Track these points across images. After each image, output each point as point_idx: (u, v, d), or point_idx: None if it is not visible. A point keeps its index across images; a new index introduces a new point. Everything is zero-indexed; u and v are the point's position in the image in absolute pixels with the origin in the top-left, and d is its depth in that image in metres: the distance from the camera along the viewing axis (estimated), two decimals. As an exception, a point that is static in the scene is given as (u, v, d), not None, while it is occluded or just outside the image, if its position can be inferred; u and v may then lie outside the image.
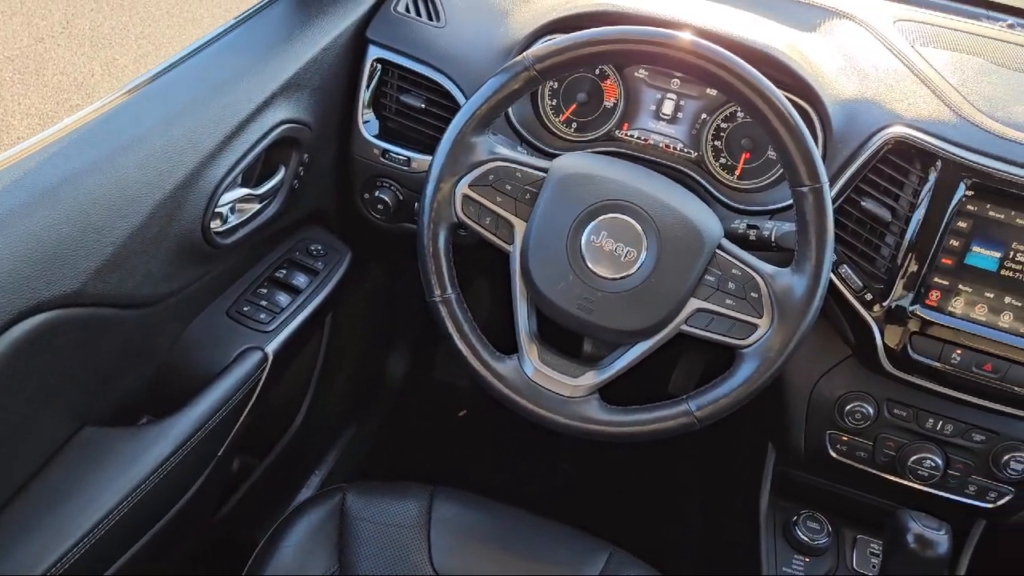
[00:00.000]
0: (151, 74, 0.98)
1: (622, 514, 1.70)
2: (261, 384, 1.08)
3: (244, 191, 1.04)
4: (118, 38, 3.42)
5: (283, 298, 1.14)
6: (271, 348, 1.08)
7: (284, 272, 1.19)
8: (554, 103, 1.21)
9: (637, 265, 0.91)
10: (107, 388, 0.95)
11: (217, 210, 0.98)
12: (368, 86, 1.19)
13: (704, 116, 1.16)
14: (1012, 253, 0.98)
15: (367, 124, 1.21)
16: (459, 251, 1.01)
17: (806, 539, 1.21)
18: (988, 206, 0.98)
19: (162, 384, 1.05)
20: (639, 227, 0.92)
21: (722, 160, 1.16)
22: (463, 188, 0.95)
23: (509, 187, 0.95)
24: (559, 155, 0.98)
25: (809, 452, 1.16)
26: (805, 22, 1.21)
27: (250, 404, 1.07)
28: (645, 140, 1.19)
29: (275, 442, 1.41)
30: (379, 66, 1.19)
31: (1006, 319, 1.00)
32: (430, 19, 1.19)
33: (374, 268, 1.55)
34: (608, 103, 1.19)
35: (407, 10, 1.20)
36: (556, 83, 1.20)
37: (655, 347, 0.94)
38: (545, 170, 0.95)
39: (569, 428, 0.95)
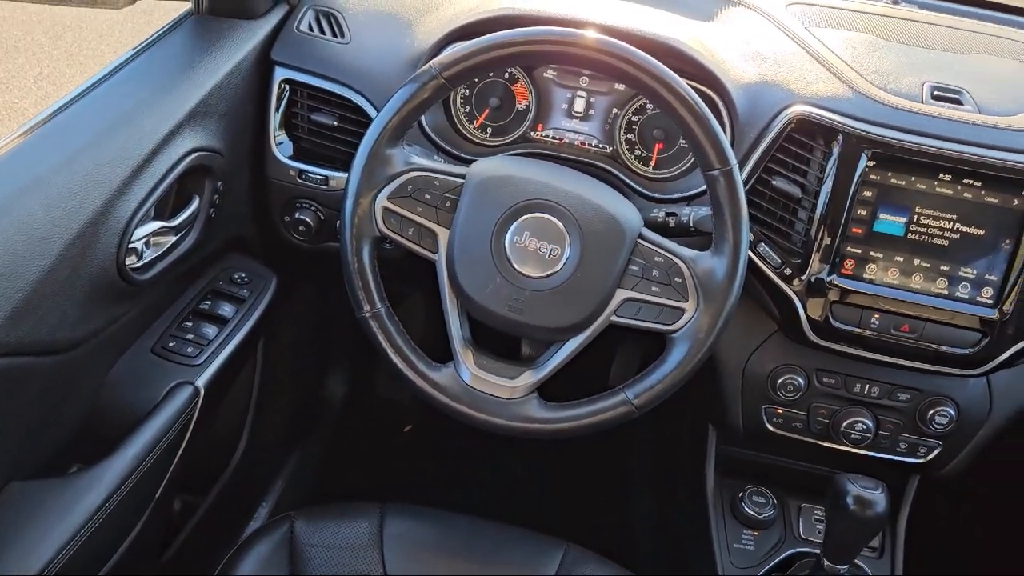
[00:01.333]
0: (49, 111, 0.95)
1: (576, 511, 1.72)
2: (195, 419, 1.05)
3: (158, 224, 1.02)
4: (16, 81, 3.31)
5: (210, 330, 1.12)
6: (202, 382, 1.06)
7: (209, 303, 1.16)
8: (467, 110, 1.21)
9: (562, 262, 0.93)
10: (32, 439, 0.92)
11: (131, 246, 0.96)
12: (278, 108, 1.18)
13: (615, 111, 1.18)
14: (916, 217, 1.03)
15: (280, 146, 1.19)
16: (388, 265, 1.01)
17: (753, 513, 1.24)
18: (889, 174, 1.02)
19: (91, 430, 1.01)
20: (561, 224, 0.93)
21: (637, 152, 1.19)
22: (382, 201, 0.95)
23: (428, 196, 0.95)
24: (476, 161, 0.99)
25: (747, 428, 1.19)
26: (703, 13, 1.25)
27: (185, 441, 1.04)
28: (560, 139, 1.20)
29: (217, 477, 1.38)
30: (287, 87, 1.17)
31: (917, 280, 1.04)
32: (335, 36, 1.19)
33: (303, 290, 1.53)
34: (520, 106, 1.20)
35: (310, 29, 1.19)
36: (467, 90, 1.21)
37: (588, 340, 0.95)
38: (463, 176, 0.96)
39: (511, 430, 0.95)
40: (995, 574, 1.39)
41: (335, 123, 1.17)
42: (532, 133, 1.21)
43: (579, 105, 1.19)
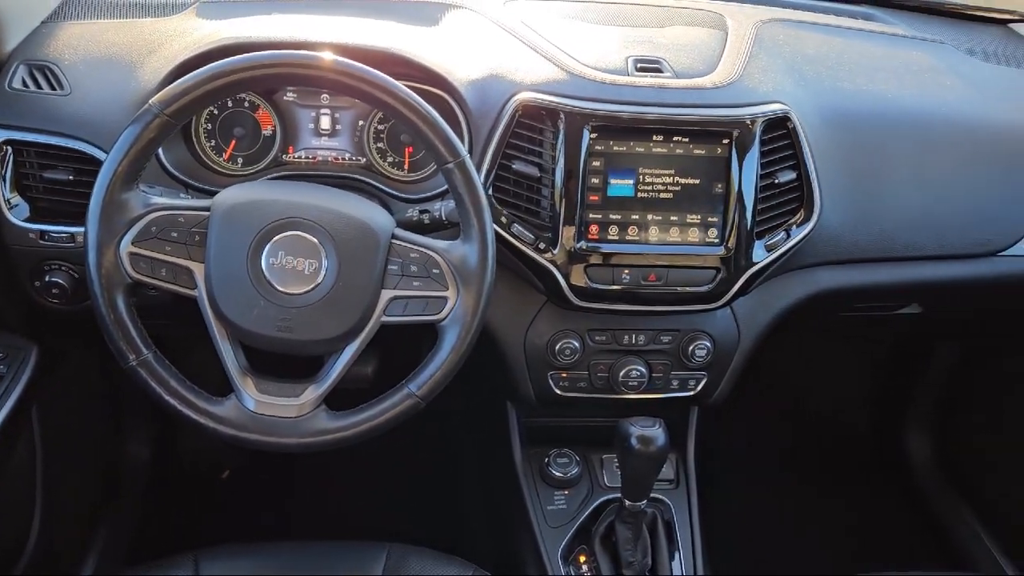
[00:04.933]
0: None
1: (408, 511, 1.74)
2: None
3: None
4: None
5: (-34, 415, 1.05)
6: None
7: (-38, 387, 1.09)
8: (212, 143, 1.21)
9: (322, 274, 0.95)
10: None
11: None
12: (3, 172, 1.12)
13: (361, 123, 1.22)
14: (641, 177, 1.14)
15: (15, 209, 1.13)
16: (159, 311, 0.99)
17: (560, 474, 1.32)
18: (611, 142, 1.13)
19: None
20: (313, 239, 0.95)
21: (389, 159, 1.24)
22: (127, 247, 0.93)
23: (175, 234, 0.94)
24: (219, 192, 0.99)
25: (539, 396, 1.27)
26: (426, 19, 1.31)
27: None
28: (313, 158, 1.23)
29: (9, 568, 1.28)
30: (9, 148, 1.12)
31: (654, 233, 1.16)
32: (53, 89, 1.13)
33: (76, 355, 1.45)
34: (267, 131, 1.22)
35: (25, 85, 1.13)
36: (210, 124, 1.20)
37: (364, 344, 0.98)
38: (208, 208, 0.96)
39: (304, 447, 0.96)
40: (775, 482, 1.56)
41: (71, 177, 1.12)
42: (284, 156, 1.22)
43: (325, 123, 1.22)
